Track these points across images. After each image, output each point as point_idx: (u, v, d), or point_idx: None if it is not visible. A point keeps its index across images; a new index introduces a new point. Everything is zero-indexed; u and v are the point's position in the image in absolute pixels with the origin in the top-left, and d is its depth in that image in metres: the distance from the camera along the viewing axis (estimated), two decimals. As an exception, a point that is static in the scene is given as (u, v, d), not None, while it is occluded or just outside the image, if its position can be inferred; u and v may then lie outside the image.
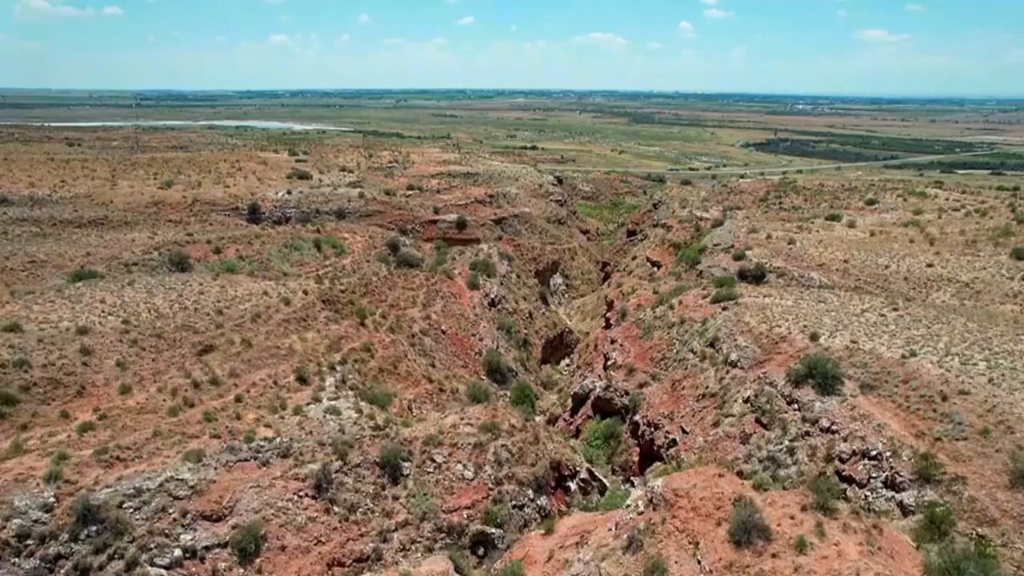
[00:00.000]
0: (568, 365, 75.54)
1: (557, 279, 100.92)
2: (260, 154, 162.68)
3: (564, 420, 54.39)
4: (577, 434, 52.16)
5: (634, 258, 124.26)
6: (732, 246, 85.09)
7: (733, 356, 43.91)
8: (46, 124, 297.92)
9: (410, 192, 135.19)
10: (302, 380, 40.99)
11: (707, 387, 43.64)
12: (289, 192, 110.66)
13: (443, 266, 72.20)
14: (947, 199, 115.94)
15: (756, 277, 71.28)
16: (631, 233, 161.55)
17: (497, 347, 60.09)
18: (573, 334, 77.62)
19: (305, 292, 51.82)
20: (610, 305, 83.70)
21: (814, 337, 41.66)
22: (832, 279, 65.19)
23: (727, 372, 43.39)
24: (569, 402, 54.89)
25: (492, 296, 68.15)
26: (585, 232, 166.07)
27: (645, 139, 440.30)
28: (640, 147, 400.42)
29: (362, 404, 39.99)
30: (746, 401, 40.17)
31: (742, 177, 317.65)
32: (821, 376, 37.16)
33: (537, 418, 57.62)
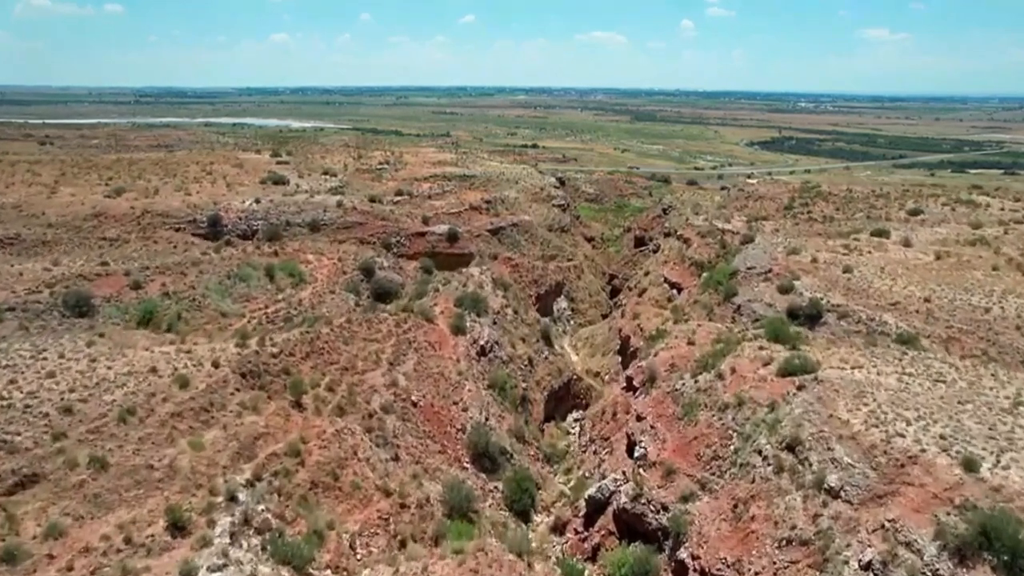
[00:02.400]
0: (578, 421, 60.40)
1: (561, 303, 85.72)
2: (240, 155, 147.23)
3: (574, 531, 39.26)
4: (594, 555, 37.08)
5: (647, 273, 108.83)
6: (770, 271, 69.81)
7: (832, 480, 28.67)
8: (29, 121, 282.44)
9: (398, 198, 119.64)
10: (177, 528, 25.82)
11: (793, 525, 28.46)
12: (258, 201, 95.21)
13: (422, 300, 56.92)
14: (1002, 208, 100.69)
15: (811, 317, 55.99)
16: (639, 241, 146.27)
17: (486, 419, 44.87)
18: (583, 380, 62.42)
19: (216, 364, 36.54)
20: (625, 341, 68.58)
21: (969, 465, 26.34)
22: (914, 325, 49.89)
23: (823, 504, 28.22)
24: (582, 504, 39.78)
25: (482, 342, 52.94)
26: (590, 240, 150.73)
27: (648, 137, 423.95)
28: (643, 145, 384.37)
29: (264, 573, 24.83)
30: (866, 568, 25.02)
31: (749, 177, 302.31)
32: (1009, 551, 22.02)
33: (538, 519, 42.58)
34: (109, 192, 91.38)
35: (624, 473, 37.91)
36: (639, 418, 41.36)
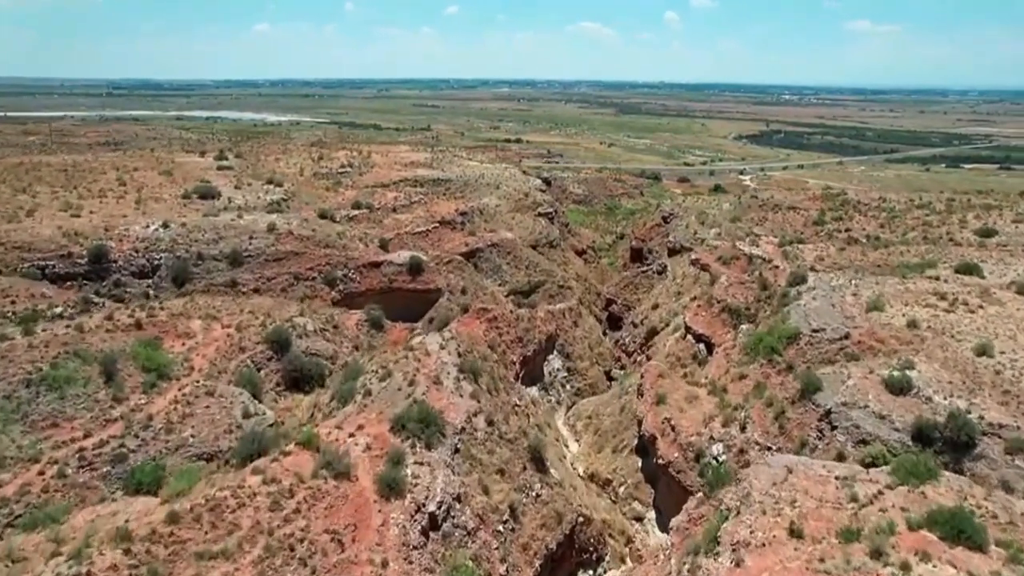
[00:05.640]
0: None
1: (554, 362, 63.47)
2: (177, 158, 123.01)
3: None
4: None
5: (655, 307, 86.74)
6: (847, 336, 48.13)
7: None
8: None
9: (355, 212, 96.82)
10: None
11: None
12: (165, 225, 71.54)
13: (339, 420, 34.60)
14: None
15: (955, 446, 34.23)
16: (637, 254, 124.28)
17: None
18: (592, 522, 40.27)
19: None
20: (651, 442, 46.63)
21: None
22: None
23: None
24: None
25: (432, 507, 30.63)
26: (581, 253, 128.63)
27: (634, 131, 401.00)
28: (630, 139, 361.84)
29: None
30: None
31: (741, 173, 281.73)
32: None
33: None
34: (-41, 216, 67.64)
35: None
36: None
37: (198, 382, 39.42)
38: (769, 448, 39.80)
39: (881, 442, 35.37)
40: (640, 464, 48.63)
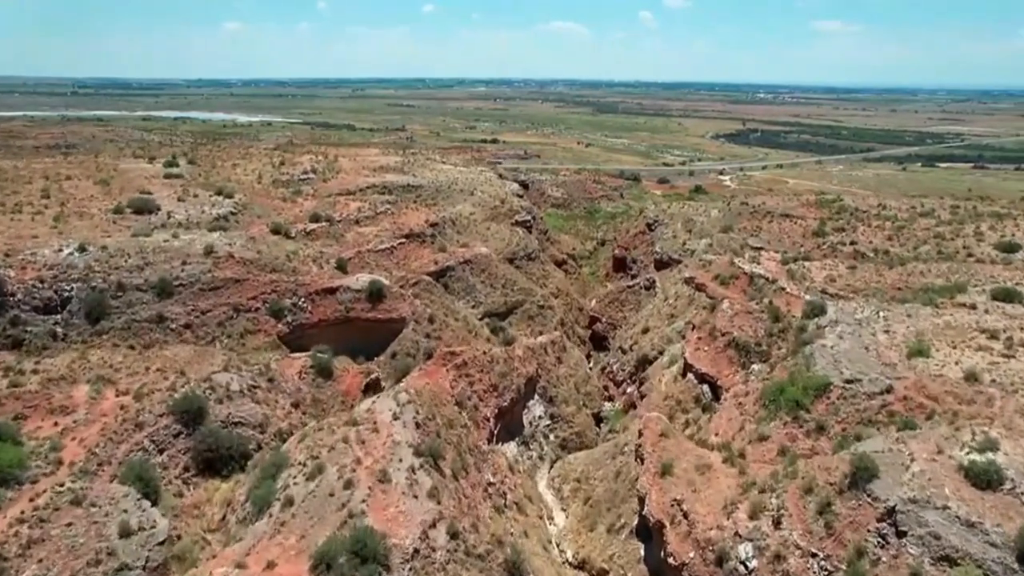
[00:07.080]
0: None
1: (535, 409, 53.60)
2: (122, 164, 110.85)
3: None
4: None
5: (646, 331, 77.55)
6: (889, 391, 39.20)
7: None
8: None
9: (313, 226, 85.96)
10: None
11: None
12: (82, 248, 60.28)
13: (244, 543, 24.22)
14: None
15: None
16: (620, 263, 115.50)
17: None
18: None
19: None
20: (657, 530, 37.07)
21: None
22: None
23: None
24: None
25: None
26: (561, 263, 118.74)
27: (611, 130, 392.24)
28: (607, 139, 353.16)
29: None
30: None
31: (721, 173, 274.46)
32: None
33: None
34: None
35: None
36: None
37: (62, 485, 28.94)
38: (815, 555, 30.47)
39: (974, 562, 26.22)
40: (643, 552, 39.10)
